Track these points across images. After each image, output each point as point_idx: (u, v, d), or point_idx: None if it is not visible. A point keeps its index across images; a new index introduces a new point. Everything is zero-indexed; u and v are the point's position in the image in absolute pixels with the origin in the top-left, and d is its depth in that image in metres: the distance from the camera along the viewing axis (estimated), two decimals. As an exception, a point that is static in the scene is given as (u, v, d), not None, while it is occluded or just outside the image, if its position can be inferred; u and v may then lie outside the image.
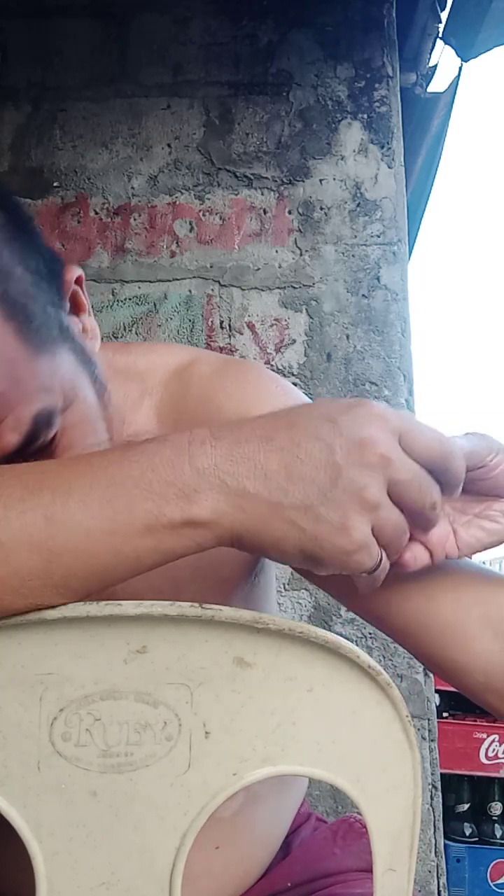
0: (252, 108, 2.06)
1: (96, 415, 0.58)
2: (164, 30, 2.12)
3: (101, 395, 0.60)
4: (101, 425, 0.59)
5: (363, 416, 0.45)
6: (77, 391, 0.56)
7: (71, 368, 0.56)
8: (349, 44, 2.07)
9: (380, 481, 0.44)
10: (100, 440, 0.58)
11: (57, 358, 0.54)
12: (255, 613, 0.44)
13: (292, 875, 0.74)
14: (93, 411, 0.58)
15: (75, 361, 0.57)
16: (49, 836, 0.42)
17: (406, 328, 1.94)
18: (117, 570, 0.43)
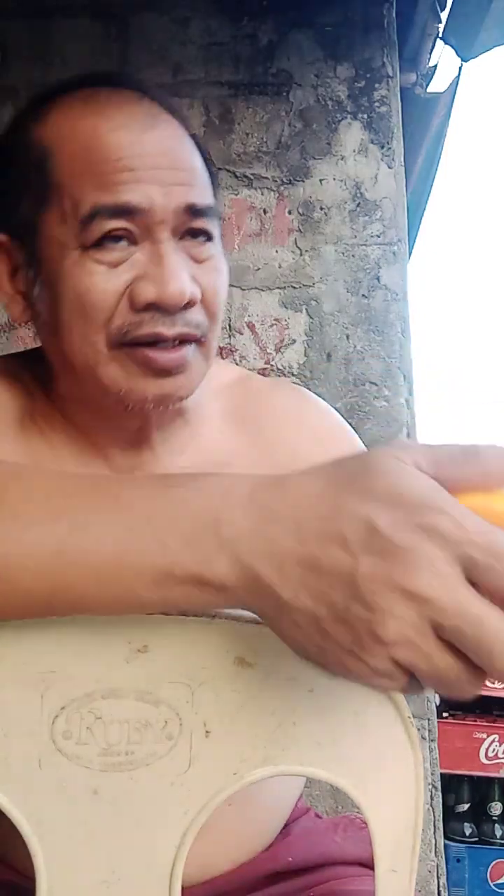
0: (252, 108, 2.06)
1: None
2: (164, 30, 2.12)
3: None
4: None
5: (420, 530, 0.37)
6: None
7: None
8: (349, 44, 2.07)
9: (410, 619, 0.36)
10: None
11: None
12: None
13: (293, 852, 0.74)
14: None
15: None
16: (50, 833, 0.42)
17: (406, 328, 1.94)
18: (119, 611, 0.42)
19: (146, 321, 0.63)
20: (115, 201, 0.61)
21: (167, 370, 0.64)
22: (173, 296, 0.62)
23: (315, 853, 0.75)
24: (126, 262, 0.63)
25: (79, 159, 0.63)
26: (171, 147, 0.64)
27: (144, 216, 0.62)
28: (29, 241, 0.66)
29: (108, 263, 0.63)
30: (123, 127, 0.63)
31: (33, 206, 0.65)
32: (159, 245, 0.63)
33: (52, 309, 0.65)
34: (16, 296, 0.69)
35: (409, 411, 1.90)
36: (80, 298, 0.63)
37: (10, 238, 0.68)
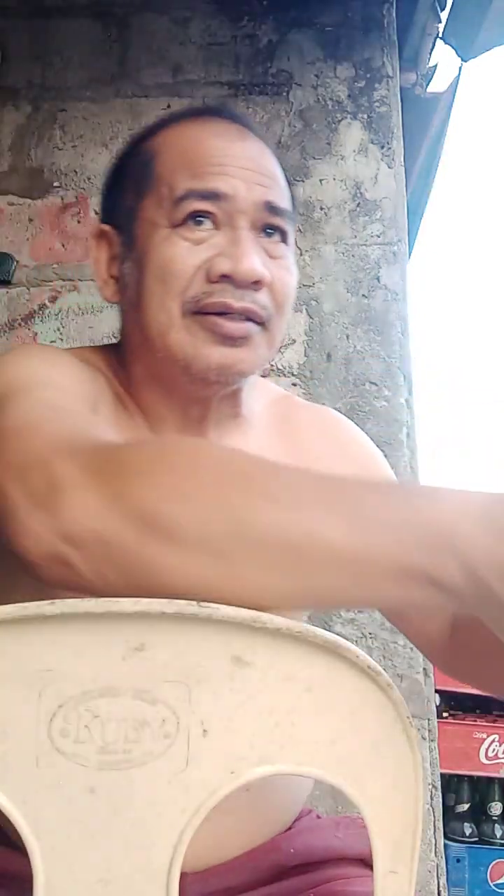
0: (252, 108, 2.06)
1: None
2: (164, 30, 2.12)
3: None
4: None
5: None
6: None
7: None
8: (349, 44, 2.07)
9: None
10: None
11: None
12: (253, 612, 0.44)
13: (295, 844, 0.74)
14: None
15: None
16: (47, 832, 0.42)
17: (406, 328, 1.94)
18: (355, 599, 0.47)
19: (217, 291, 0.70)
20: (204, 186, 0.71)
21: (231, 338, 0.71)
22: (245, 271, 0.70)
23: (318, 847, 0.76)
24: (207, 242, 0.71)
25: (178, 157, 0.73)
26: (256, 156, 0.75)
27: (228, 203, 0.71)
28: (128, 227, 0.76)
29: (192, 240, 0.71)
30: (218, 136, 0.74)
31: (135, 197, 0.75)
32: (238, 231, 0.72)
33: (138, 280, 0.74)
34: (109, 279, 0.79)
35: (409, 411, 1.90)
36: (163, 267, 0.71)
37: (113, 228, 0.78)
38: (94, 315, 1.99)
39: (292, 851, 0.74)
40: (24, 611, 0.42)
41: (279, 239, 0.75)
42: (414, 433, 1.89)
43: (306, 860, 0.75)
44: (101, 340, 1.98)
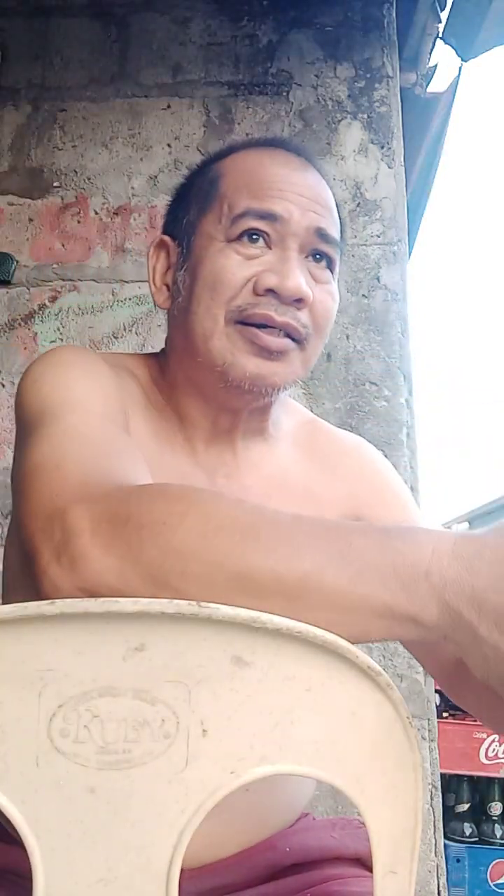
0: (252, 108, 2.06)
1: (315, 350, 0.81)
2: (164, 30, 2.12)
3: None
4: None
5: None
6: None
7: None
8: (349, 44, 2.07)
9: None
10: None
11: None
12: (253, 612, 0.44)
13: (291, 843, 0.75)
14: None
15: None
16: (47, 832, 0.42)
17: (406, 328, 1.94)
18: (345, 634, 0.48)
19: (262, 304, 0.75)
20: (262, 207, 0.76)
21: (269, 350, 0.75)
22: (290, 287, 0.75)
23: (313, 846, 0.76)
24: (258, 259, 0.76)
25: (241, 179, 0.79)
26: (314, 186, 0.80)
27: (282, 225, 0.76)
28: (187, 240, 0.81)
29: (244, 255, 0.76)
30: (280, 164, 0.80)
31: (198, 212, 0.81)
32: (288, 252, 0.77)
33: (189, 287, 0.79)
34: (163, 287, 0.85)
35: (409, 411, 1.90)
36: (215, 276, 0.76)
37: (172, 240, 0.84)
38: (94, 315, 1.99)
39: (288, 850, 0.74)
40: (24, 611, 0.42)
41: (325, 265, 0.80)
42: (414, 433, 1.89)
43: (302, 859, 0.75)
44: (101, 340, 1.98)
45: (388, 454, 1.85)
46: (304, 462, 0.87)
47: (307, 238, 0.77)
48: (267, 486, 0.83)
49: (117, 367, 0.82)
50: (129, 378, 0.83)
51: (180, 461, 0.81)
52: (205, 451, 0.82)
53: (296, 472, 0.86)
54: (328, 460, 0.88)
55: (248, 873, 0.72)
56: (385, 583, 0.49)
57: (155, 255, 0.85)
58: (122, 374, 0.82)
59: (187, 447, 0.82)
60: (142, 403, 0.82)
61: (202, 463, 0.82)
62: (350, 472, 0.88)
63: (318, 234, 0.78)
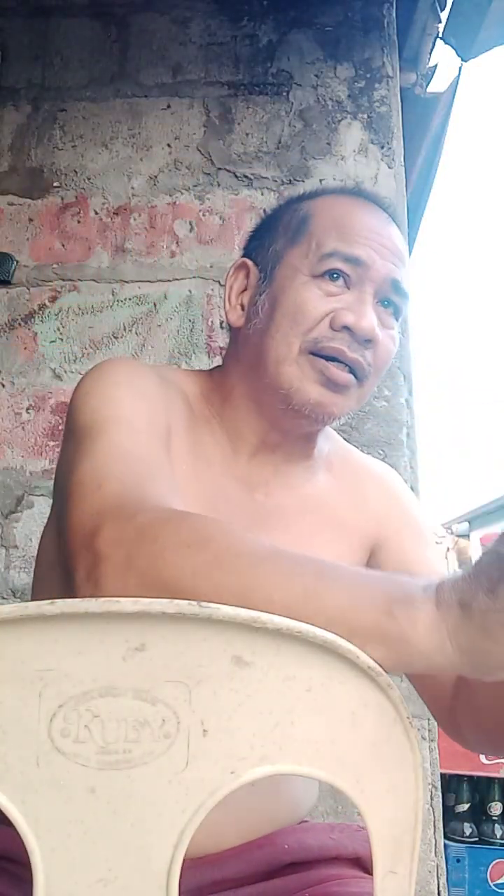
0: (252, 108, 2.06)
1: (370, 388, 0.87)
2: (164, 30, 2.12)
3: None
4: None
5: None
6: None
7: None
8: (349, 44, 2.07)
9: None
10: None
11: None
12: (253, 612, 0.44)
13: (290, 840, 0.76)
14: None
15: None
16: (47, 832, 0.42)
17: (406, 328, 1.94)
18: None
19: (336, 339, 0.81)
20: (349, 250, 0.82)
21: (335, 383, 0.81)
22: (365, 327, 0.81)
23: (312, 845, 0.77)
24: (337, 297, 0.82)
25: (332, 222, 0.85)
26: (395, 239, 0.86)
27: (363, 269, 0.82)
28: (270, 268, 0.87)
29: (325, 291, 0.82)
30: (370, 215, 0.86)
31: (286, 245, 0.86)
32: (365, 294, 0.83)
33: (269, 313, 0.84)
34: (237, 306, 0.90)
35: (409, 411, 1.90)
36: (297, 307, 0.82)
37: (254, 264, 0.89)
38: (94, 315, 1.99)
39: (286, 847, 0.75)
40: (24, 611, 0.42)
41: (392, 312, 0.86)
42: (414, 433, 1.89)
43: (300, 858, 0.75)
44: (100, 340, 1.98)
45: (388, 454, 1.85)
46: (336, 488, 0.92)
47: (383, 285, 0.83)
48: (302, 507, 0.87)
49: (168, 379, 0.87)
50: (176, 393, 0.87)
51: (217, 474, 0.84)
52: (247, 466, 0.86)
53: (328, 497, 0.90)
54: (358, 488, 0.93)
55: (246, 868, 0.72)
56: (386, 640, 0.50)
57: (234, 276, 0.91)
58: (171, 389, 0.86)
59: (229, 461, 0.86)
60: (186, 417, 0.86)
61: (242, 477, 0.86)
62: (376, 502, 0.92)
63: (393, 285, 0.84)
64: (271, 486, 0.87)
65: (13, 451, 1.94)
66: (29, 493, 1.91)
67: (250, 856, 0.73)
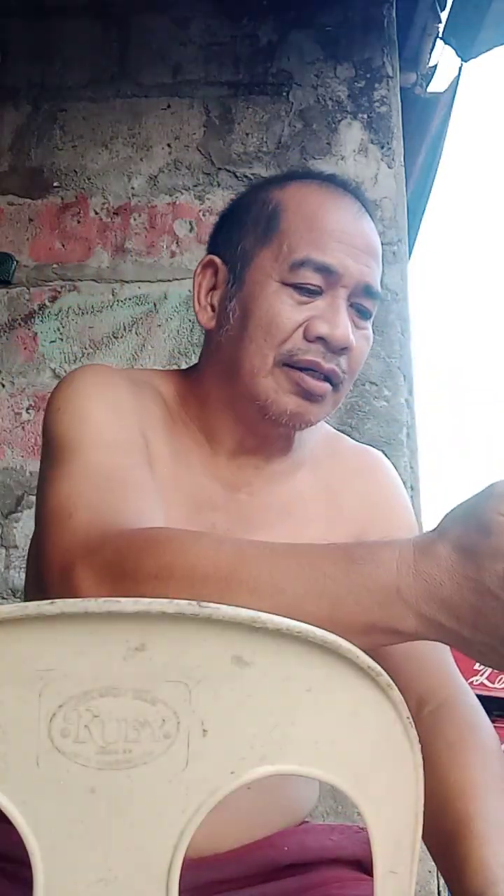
0: (252, 108, 2.06)
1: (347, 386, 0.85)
2: (164, 30, 2.12)
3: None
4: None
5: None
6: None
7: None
8: (349, 44, 2.07)
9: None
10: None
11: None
12: (253, 612, 0.44)
13: (289, 842, 0.76)
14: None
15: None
16: (47, 832, 0.42)
17: (406, 328, 1.94)
18: None
19: (311, 350, 0.79)
20: (321, 259, 0.79)
21: (311, 395, 0.80)
22: (340, 337, 0.79)
23: (312, 847, 0.77)
24: (310, 305, 0.80)
25: (304, 220, 0.81)
26: (368, 237, 0.83)
27: (336, 278, 0.79)
28: (240, 267, 0.83)
29: (297, 301, 0.80)
30: (343, 210, 0.82)
31: (256, 242, 0.83)
32: (338, 300, 0.80)
33: (241, 321, 0.82)
34: (207, 306, 0.87)
35: (409, 411, 1.90)
36: (269, 318, 0.79)
37: (222, 262, 0.86)
38: (94, 315, 1.99)
39: (286, 849, 0.75)
40: (24, 611, 0.42)
41: (364, 313, 0.84)
42: (414, 433, 1.90)
43: (300, 860, 0.75)
44: (100, 340, 1.98)
45: (388, 454, 1.85)
46: (322, 481, 0.91)
47: (355, 290, 0.81)
48: (287, 505, 0.86)
49: (142, 384, 0.86)
50: (152, 396, 0.86)
51: (198, 475, 0.84)
52: (228, 466, 0.85)
53: (313, 492, 0.89)
54: (343, 480, 0.92)
55: (246, 869, 0.72)
56: (361, 605, 0.54)
57: (202, 275, 0.88)
58: (145, 393, 0.85)
59: (208, 462, 0.85)
60: (164, 420, 0.85)
61: (224, 478, 0.85)
62: (362, 493, 0.91)
63: (365, 290, 0.82)
64: (254, 485, 0.86)
65: (13, 451, 1.94)
66: (29, 493, 1.91)
67: (250, 857, 0.73)
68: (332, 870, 0.76)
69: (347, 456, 0.96)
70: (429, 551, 0.54)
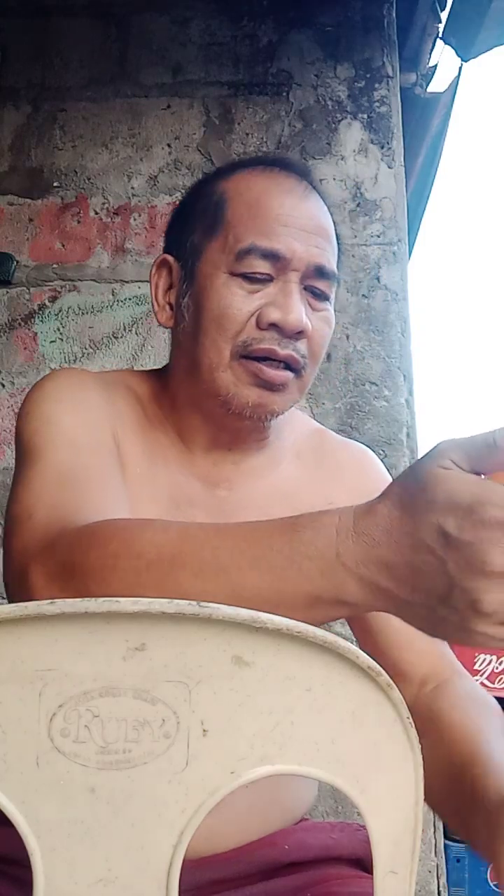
0: (252, 108, 2.06)
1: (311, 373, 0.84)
2: (164, 30, 2.12)
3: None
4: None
5: (479, 524, 0.47)
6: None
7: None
8: (349, 44, 2.07)
9: (500, 591, 0.47)
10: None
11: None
12: (253, 612, 0.44)
13: (290, 841, 0.76)
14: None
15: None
16: (47, 832, 0.42)
17: (406, 328, 1.94)
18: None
19: (266, 338, 0.78)
20: (267, 245, 0.78)
21: (271, 384, 0.78)
22: (292, 321, 0.77)
23: (313, 845, 0.77)
24: (261, 292, 0.78)
25: (248, 208, 0.80)
26: (316, 216, 0.81)
27: (285, 263, 0.78)
28: (191, 263, 0.83)
29: (247, 290, 0.78)
30: (287, 193, 0.80)
31: (203, 236, 0.82)
32: (289, 284, 0.79)
33: (195, 317, 0.81)
34: (165, 306, 0.87)
35: (409, 411, 1.90)
36: (221, 312, 0.78)
37: (175, 259, 0.86)
38: (94, 315, 1.99)
39: (287, 848, 0.75)
40: (24, 611, 0.42)
41: (321, 295, 0.82)
42: (414, 433, 1.90)
43: (301, 858, 0.75)
44: (100, 340, 1.98)
45: (388, 454, 1.85)
46: (305, 474, 0.90)
47: (307, 273, 0.79)
48: (268, 499, 0.85)
49: (114, 385, 0.86)
50: (125, 396, 0.86)
51: (175, 473, 0.83)
52: (203, 463, 0.85)
53: (295, 483, 0.88)
54: (329, 472, 0.91)
55: (247, 868, 0.72)
56: (303, 574, 0.52)
57: (157, 274, 0.87)
58: (117, 394, 0.85)
59: (185, 459, 0.85)
60: (137, 420, 0.85)
61: (201, 475, 0.84)
62: (351, 486, 0.90)
63: (317, 271, 0.80)
64: (233, 480, 0.85)
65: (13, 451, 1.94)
66: (29, 493, 1.91)
67: (251, 856, 0.73)
68: (333, 868, 0.76)
69: (334, 449, 0.95)
70: (370, 512, 0.52)
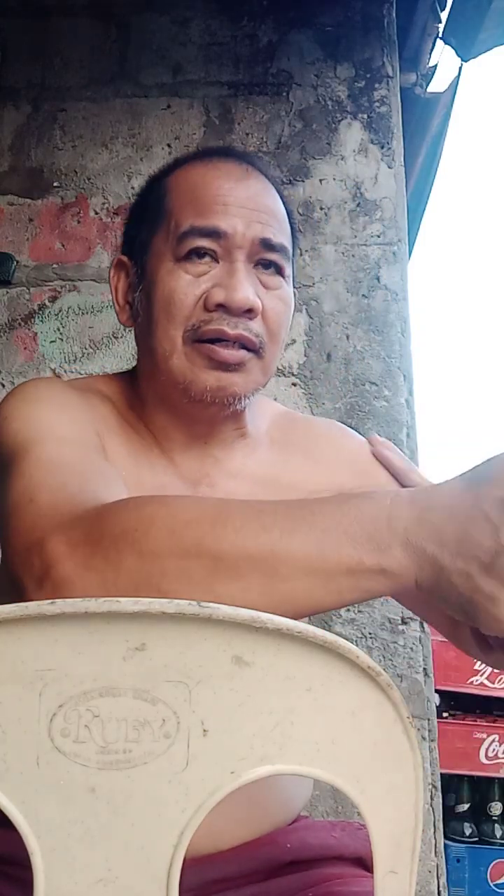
0: (252, 108, 2.06)
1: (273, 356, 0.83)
2: (164, 30, 2.12)
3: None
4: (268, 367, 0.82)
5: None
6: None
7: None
8: (349, 44, 2.07)
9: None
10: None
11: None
12: (253, 612, 0.44)
13: (291, 840, 0.76)
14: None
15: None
16: (47, 832, 0.42)
17: (406, 328, 1.94)
18: (324, 600, 0.53)
19: (214, 320, 0.77)
20: (205, 224, 0.78)
21: (225, 364, 0.77)
22: (238, 300, 0.77)
23: (314, 844, 0.77)
24: (207, 275, 0.78)
25: (187, 195, 0.81)
26: (257, 194, 0.81)
27: (227, 240, 0.78)
28: (141, 260, 0.84)
29: (193, 274, 0.79)
30: (224, 176, 0.81)
31: (150, 231, 0.83)
32: (235, 264, 0.78)
33: (147, 310, 0.82)
34: (126, 306, 0.87)
35: (409, 411, 1.90)
36: (168, 299, 0.78)
37: (129, 259, 0.86)
38: (93, 315, 1.99)
39: (288, 847, 0.75)
40: (24, 611, 0.42)
41: (274, 271, 0.81)
42: (414, 433, 1.89)
43: (302, 857, 0.75)
44: (100, 340, 1.98)
45: (388, 454, 1.85)
46: (283, 457, 0.89)
47: (253, 249, 0.79)
48: (251, 488, 0.84)
49: (88, 391, 0.86)
50: (100, 401, 0.85)
51: (158, 474, 0.83)
52: (183, 462, 0.84)
53: (276, 469, 0.88)
54: (305, 451, 0.90)
55: (248, 867, 0.73)
56: (350, 536, 0.52)
57: (116, 276, 0.88)
58: (93, 399, 0.85)
59: (165, 460, 0.84)
60: (115, 423, 0.84)
61: (183, 474, 0.84)
62: (327, 458, 0.89)
63: (264, 245, 0.79)
64: (213, 476, 0.84)
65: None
66: (29, 493, 1.91)
67: (252, 855, 0.73)
68: (334, 867, 0.76)
69: (305, 428, 0.95)
70: (430, 489, 0.54)
